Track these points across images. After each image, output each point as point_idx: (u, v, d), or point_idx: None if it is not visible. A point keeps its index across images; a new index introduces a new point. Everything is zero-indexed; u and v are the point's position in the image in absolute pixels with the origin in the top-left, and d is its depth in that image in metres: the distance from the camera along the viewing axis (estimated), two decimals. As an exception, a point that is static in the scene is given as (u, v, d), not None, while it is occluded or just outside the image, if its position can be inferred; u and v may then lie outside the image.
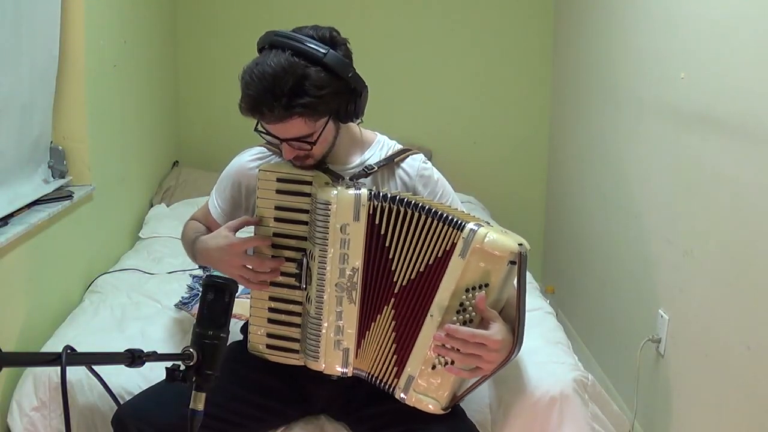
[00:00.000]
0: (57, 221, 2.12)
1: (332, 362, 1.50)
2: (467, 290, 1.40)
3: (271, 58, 1.40)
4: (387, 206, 1.45)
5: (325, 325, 1.48)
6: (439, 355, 1.42)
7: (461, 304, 1.41)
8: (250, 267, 1.51)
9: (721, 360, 1.82)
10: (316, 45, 1.42)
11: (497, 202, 3.57)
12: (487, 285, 1.39)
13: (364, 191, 1.46)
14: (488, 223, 1.43)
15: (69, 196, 2.17)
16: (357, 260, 1.46)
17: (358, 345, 1.50)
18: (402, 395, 1.46)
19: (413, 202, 1.44)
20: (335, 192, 1.46)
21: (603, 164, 2.77)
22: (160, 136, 3.39)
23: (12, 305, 1.89)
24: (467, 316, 1.41)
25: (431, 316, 1.42)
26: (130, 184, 2.91)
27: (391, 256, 1.46)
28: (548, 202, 3.72)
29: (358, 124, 1.65)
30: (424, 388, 1.44)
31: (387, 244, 1.46)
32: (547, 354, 1.81)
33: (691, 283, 1.98)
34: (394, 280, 1.46)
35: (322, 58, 1.41)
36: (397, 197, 1.45)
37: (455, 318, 1.41)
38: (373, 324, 1.48)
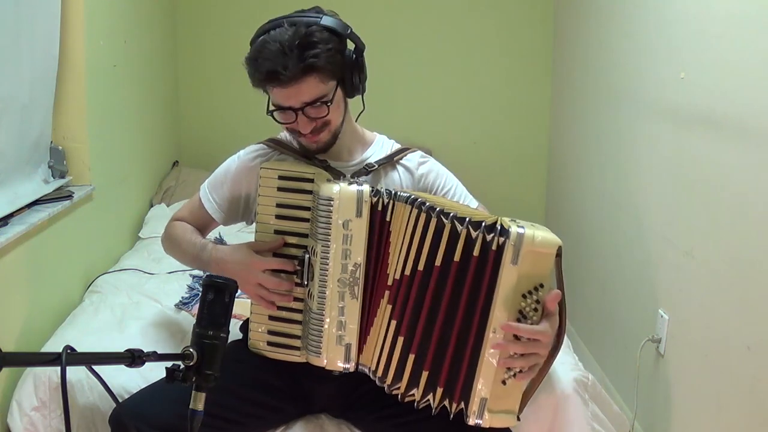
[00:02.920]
0: (57, 221, 2.12)
1: (334, 357, 1.49)
2: (524, 296, 1.35)
3: (271, 35, 1.45)
4: (390, 202, 1.45)
5: (327, 320, 1.47)
6: (508, 368, 1.37)
7: (521, 311, 1.36)
8: (266, 286, 1.51)
9: (721, 360, 1.82)
10: (308, 13, 1.49)
11: (497, 202, 3.54)
12: (542, 285, 1.35)
13: (366, 187, 1.46)
14: (515, 220, 1.39)
15: (69, 196, 2.17)
16: (359, 256, 1.45)
17: (363, 341, 1.49)
18: (477, 421, 1.39)
19: (418, 199, 1.43)
20: (337, 188, 1.45)
21: (603, 164, 2.77)
22: (160, 136, 3.39)
23: (12, 305, 1.89)
24: (528, 322, 1.36)
25: (494, 332, 1.35)
26: (130, 184, 2.91)
27: (390, 251, 1.45)
28: (548, 203, 3.72)
29: (356, 120, 1.66)
30: (500, 406, 1.38)
31: (389, 240, 1.45)
32: (547, 354, 1.81)
33: (691, 283, 1.98)
34: (390, 274, 1.44)
35: (319, 20, 1.47)
36: (399, 194, 1.45)
37: None
38: (375, 319, 1.47)
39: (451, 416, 1.43)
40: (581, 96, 3.11)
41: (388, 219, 1.45)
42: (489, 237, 1.36)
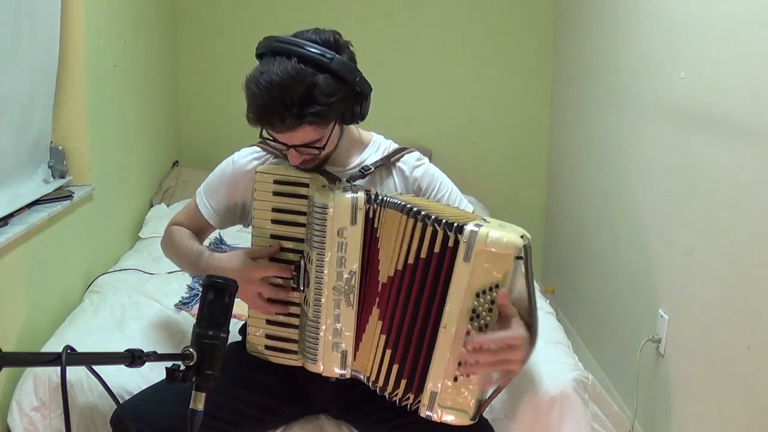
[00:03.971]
0: (57, 221, 2.12)
1: (330, 364, 1.49)
2: (478, 295, 1.35)
3: (277, 67, 1.38)
4: (383, 210, 1.44)
5: (323, 327, 1.47)
6: (463, 367, 1.36)
7: (474, 311, 1.36)
8: (264, 294, 1.51)
9: (721, 360, 1.82)
10: (321, 50, 1.40)
11: (497, 202, 3.57)
12: (497, 286, 1.34)
13: (361, 195, 1.45)
14: (485, 219, 1.39)
15: (69, 196, 2.17)
16: (354, 264, 1.45)
17: (357, 348, 1.49)
18: (428, 413, 1.40)
19: (408, 205, 1.42)
20: (332, 195, 1.44)
21: (603, 164, 2.77)
22: (160, 136, 3.39)
23: (12, 305, 1.89)
24: (482, 321, 1.36)
25: (444, 327, 1.37)
26: (130, 184, 2.90)
27: (380, 258, 1.45)
28: (548, 202, 3.72)
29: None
30: (450, 402, 1.39)
31: (379, 247, 1.45)
32: (547, 354, 1.81)
33: (691, 283, 1.98)
34: (379, 279, 1.45)
35: (329, 64, 1.39)
36: (390, 200, 1.44)
37: (470, 326, 1.36)
38: (368, 326, 1.47)
39: (409, 408, 1.44)
40: (581, 96, 3.11)
41: (376, 226, 1.45)
42: (449, 234, 1.37)
